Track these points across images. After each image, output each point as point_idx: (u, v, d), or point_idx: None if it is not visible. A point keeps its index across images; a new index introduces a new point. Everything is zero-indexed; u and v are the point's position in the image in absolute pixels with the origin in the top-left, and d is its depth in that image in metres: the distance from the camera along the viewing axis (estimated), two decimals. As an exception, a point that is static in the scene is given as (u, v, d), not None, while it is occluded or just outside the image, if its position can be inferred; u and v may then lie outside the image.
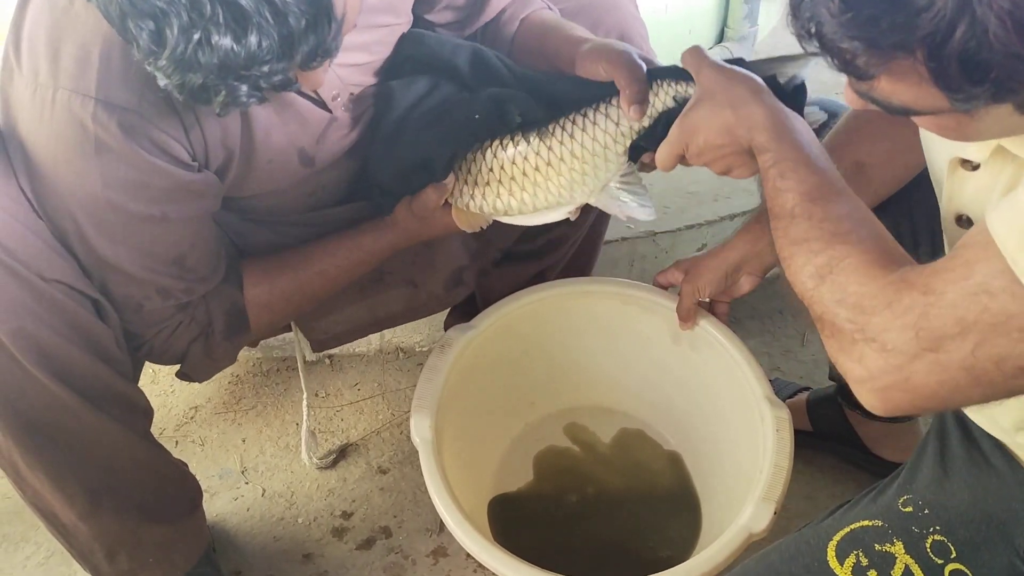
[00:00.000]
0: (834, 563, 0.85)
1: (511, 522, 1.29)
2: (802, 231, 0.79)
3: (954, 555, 0.84)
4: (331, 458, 1.47)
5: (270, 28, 0.75)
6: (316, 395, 1.59)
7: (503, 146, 1.04)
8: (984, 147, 0.75)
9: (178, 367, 1.15)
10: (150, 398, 1.13)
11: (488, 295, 1.35)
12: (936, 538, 0.85)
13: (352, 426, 1.54)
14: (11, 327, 0.91)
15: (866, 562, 0.85)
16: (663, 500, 1.32)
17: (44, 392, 0.96)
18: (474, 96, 1.04)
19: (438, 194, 1.06)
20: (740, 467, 1.16)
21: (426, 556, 1.34)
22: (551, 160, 1.02)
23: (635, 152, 1.03)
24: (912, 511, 0.88)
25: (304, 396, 1.41)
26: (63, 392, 0.97)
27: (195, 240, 1.01)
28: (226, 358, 1.15)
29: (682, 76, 0.99)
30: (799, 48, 0.88)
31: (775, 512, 1.00)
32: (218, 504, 1.42)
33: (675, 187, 1.73)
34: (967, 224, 0.82)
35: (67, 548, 1.14)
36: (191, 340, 1.08)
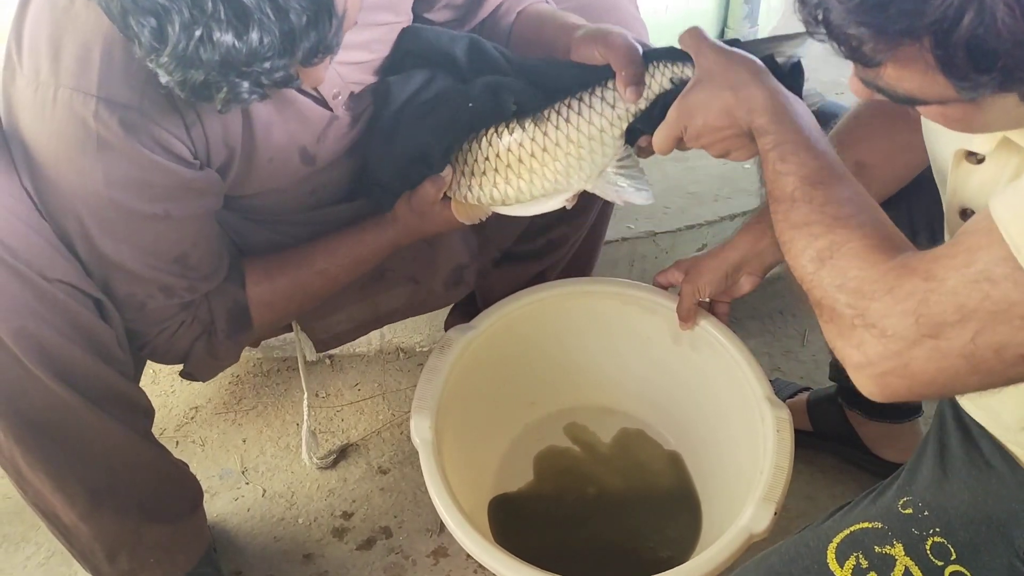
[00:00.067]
0: (834, 565, 0.85)
1: (511, 522, 1.29)
2: (802, 215, 0.78)
3: (954, 556, 0.84)
4: (331, 458, 1.48)
5: (271, 24, 0.75)
6: (316, 395, 1.59)
7: (499, 134, 1.03)
8: (990, 139, 0.75)
9: (181, 367, 1.15)
10: (151, 398, 1.13)
11: (488, 295, 1.35)
12: (936, 540, 0.85)
13: (352, 426, 1.54)
14: (13, 327, 0.91)
15: (866, 564, 0.85)
16: (663, 500, 1.32)
17: (46, 392, 0.96)
18: (469, 85, 1.04)
19: (436, 188, 1.06)
20: (740, 467, 1.16)
21: (426, 556, 1.34)
22: (547, 146, 1.01)
23: (632, 136, 1.01)
24: (912, 513, 0.88)
25: (305, 396, 1.41)
26: (65, 392, 0.97)
27: (197, 238, 1.01)
28: (229, 357, 1.15)
29: (679, 57, 0.98)
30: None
31: (775, 513, 1.00)
32: (219, 504, 1.42)
33: (675, 187, 1.73)
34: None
35: (68, 548, 1.14)
36: (194, 339, 1.08)
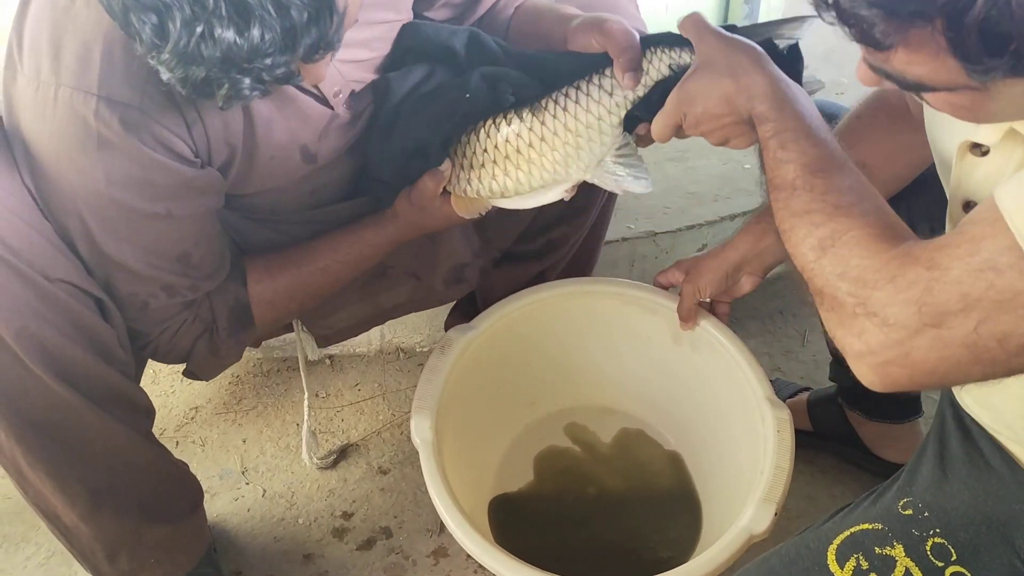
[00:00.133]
0: (834, 567, 0.85)
1: (511, 522, 1.29)
2: (803, 203, 0.78)
3: (954, 557, 0.84)
4: (331, 458, 1.48)
5: (272, 21, 0.75)
6: (316, 395, 1.59)
7: (496, 125, 1.02)
8: (995, 131, 0.74)
9: (183, 366, 1.15)
10: (151, 398, 1.13)
11: (489, 296, 1.35)
12: (936, 540, 0.85)
13: (352, 426, 1.54)
14: (15, 327, 0.91)
15: (866, 565, 0.84)
16: (663, 500, 1.32)
17: (47, 392, 0.96)
18: (465, 77, 1.04)
19: (435, 182, 1.05)
20: (741, 467, 1.16)
21: (426, 556, 1.34)
22: (544, 135, 1.00)
23: (630, 123, 1.01)
24: (912, 514, 0.88)
25: (306, 396, 1.41)
26: (66, 392, 0.97)
27: (199, 237, 1.01)
28: (231, 356, 1.15)
29: (677, 42, 0.97)
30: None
31: (776, 513, 1.00)
32: (219, 504, 1.42)
33: (675, 187, 1.73)
34: None
35: (68, 548, 1.14)
36: (196, 338, 1.08)
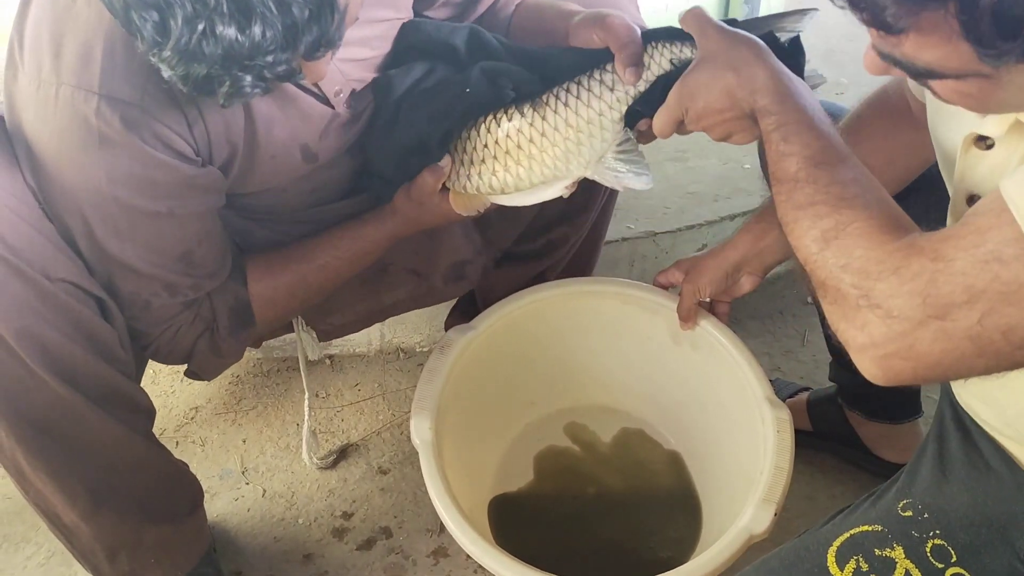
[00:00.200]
0: (834, 569, 0.84)
1: (511, 522, 1.29)
2: (806, 195, 0.77)
3: (954, 559, 0.84)
4: (331, 458, 1.48)
5: (274, 18, 0.75)
6: (316, 395, 1.59)
7: (497, 121, 1.02)
8: (1001, 123, 0.74)
9: (185, 366, 1.15)
10: (151, 398, 1.13)
11: (488, 296, 1.35)
12: (936, 542, 0.85)
13: (352, 426, 1.54)
14: (16, 327, 0.91)
15: (866, 567, 0.84)
16: (663, 500, 1.32)
17: (48, 392, 0.96)
18: (465, 72, 1.03)
19: (435, 177, 1.05)
20: (740, 467, 1.16)
21: (426, 556, 1.34)
22: (545, 131, 1.00)
23: (631, 118, 1.01)
24: (912, 515, 0.87)
25: (306, 396, 1.41)
26: (66, 392, 0.97)
27: (201, 236, 1.01)
28: (233, 355, 1.15)
29: (679, 37, 0.97)
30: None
31: (776, 513, 1.00)
32: (219, 504, 1.42)
33: (675, 187, 1.73)
34: None
35: (69, 548, 1.15)
36: (197, 337, 1.08)
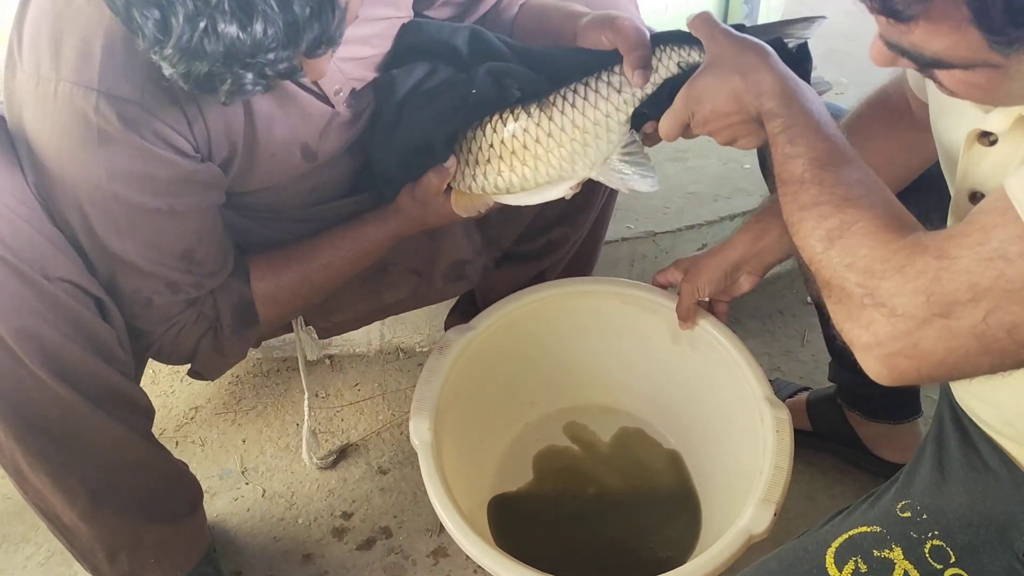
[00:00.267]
0: (833, 570, 0.85)
1: (511, 522, 1.29)
2: (812, 196, 0.78)
3: (953, 560, 0.84)
4: (331, 458, 1.48)
5: (275, 16, 0.75)
6: (316, 395, 1.59)
7: (503, 121, 1.02)
8: (1005, 119, 0.74)
9: (188, 366, 1.15)
10: (150, 398, 1.13)
11: (488, 296, 1.35)
12: (935, 543, 0.85)
13: (352, 426, 1.55)
14: (15, 326, 0.91)
15: (865, 568, 0.84)
16: (663, 500, 1.32)
17: (47, 392, 0.96)
18: (471, 73, 1.03)
19: (440, 178, 1.05)
20: (740, 467, 1.16)
21: (426, 556, 1.34)
22: (552, 131, 1.00)
23: (638, 121, 1.01)
24: (910, 516, 0.88)
25: (306, 396, 1.41)
26: (66, 392, 0.97)
27: (202, 233, 1.01)
28: (236, 354, 1.15)
29: (687, 41, 0.97)
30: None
31: (775, 513, 1.00)
32: (218, 504, 1.42)
33: (675, 187, 1.73)
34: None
35: (68, 548, 1.14)
36: (200, 336, 1.08)
